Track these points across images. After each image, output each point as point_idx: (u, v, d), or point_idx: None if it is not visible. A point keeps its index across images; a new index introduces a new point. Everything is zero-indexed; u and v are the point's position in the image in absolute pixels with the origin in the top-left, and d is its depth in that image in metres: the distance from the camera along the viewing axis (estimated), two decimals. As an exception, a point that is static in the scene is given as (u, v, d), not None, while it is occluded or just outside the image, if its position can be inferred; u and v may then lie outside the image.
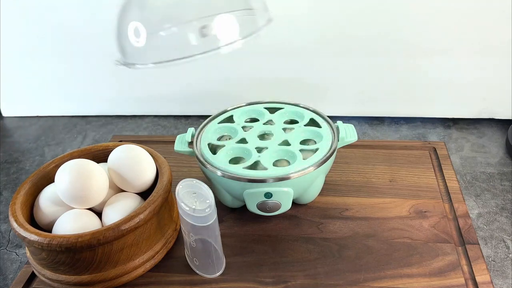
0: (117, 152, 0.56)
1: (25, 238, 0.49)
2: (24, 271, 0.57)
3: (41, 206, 0.54)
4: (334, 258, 0.55)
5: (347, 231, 0.59)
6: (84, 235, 0.47)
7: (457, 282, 0.51)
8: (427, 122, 1.64)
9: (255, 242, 0.58)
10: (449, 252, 0.54)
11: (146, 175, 0.56)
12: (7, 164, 1.57)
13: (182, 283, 0.53)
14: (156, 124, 1.69)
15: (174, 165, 0.71)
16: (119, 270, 0.51)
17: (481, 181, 1.34)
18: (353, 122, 1.64)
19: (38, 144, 1.66)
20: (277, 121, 0.65)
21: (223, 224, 0.61)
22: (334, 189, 0.66)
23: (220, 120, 0.66)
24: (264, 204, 0.56)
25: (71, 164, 0.53)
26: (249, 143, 0.61)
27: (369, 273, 0.52)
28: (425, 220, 0.59)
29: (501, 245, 1.12)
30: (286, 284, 0.52)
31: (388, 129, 1.62)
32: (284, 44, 1.55)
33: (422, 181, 0.66)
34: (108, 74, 1.68)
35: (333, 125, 0.63)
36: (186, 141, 0.63)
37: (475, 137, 1.55)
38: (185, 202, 0.48)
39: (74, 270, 0.50)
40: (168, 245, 0.56)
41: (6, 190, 1.44)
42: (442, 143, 0.74)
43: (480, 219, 1.20)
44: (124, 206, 0.53)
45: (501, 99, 1.56)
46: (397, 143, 0.75)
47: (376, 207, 0.62)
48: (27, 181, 0.56)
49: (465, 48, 1.48)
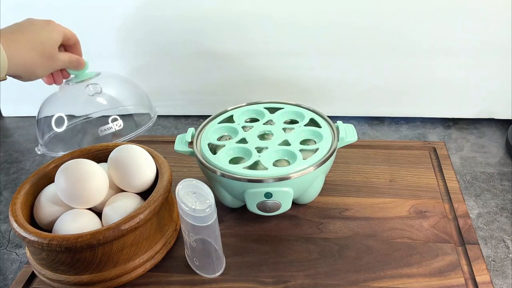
0: (117, 152, 0.56)
1: (25, 238, 0.49)
2: (24, 271, 0.57)
3: (41, 206, 0.54)
4: (334, 258, 0.55)
5: (347, 231, 0.59)
6: (84, 235, 0.47)
7: (457, 282, 0.51)
8: (427, 122, 1.64)
9: (255, 242, 0.58)
10: (449, 252, 0.54)
11: (146, 175, 0.56)
12: (7, 164, 1.57)
13: (182, 283, 0.53)
14: (156, 124, 1.69)
15: (174, 165, 0.71)
16: (119, 270, 0.51)
17: (481, 181, 1.34)
18: (353, 122, 1.64)
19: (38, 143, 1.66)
20: (277, 121, 0.65)
21: (223, 224, 0.61)
22: (334, 189, 0.66)
23: (220, 120, 0.66)
24: (264, 204, 0.56)
25: (71, 164, 0.53)
26: (249, 143, 0.61)
27: (369, 273, 0.52)
28: (425, 220, 0.59)
29: (501, 245, 1.12)
30: (286, 284, 0.52)
31: (388, 129, 1.62)
32: (284, 44, 1.55)
33: (422, 181, 0.66)
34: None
35: (333, 125, 0.63)
36: (186, 141, 0.63)
37: (475, 137, 1.55)
38: (185, 202, 0.48)
39: (74, 270, 0.50)
40: (168, 245, 0.56)
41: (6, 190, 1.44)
42: (442, 143, 0.74)
43: (480, 219, 1.20)
44: (124, 206, 0.53)
45: (501, 99, 1.56)
46: (397, 143, 0.75)
47: (376, 207, 0.62)
48: (27, 181, 0.56)
49: (465, 48, 1.48)
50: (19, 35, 0.50)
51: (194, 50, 1.61)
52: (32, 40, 0.51)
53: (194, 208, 0.47)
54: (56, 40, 0.53)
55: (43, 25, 0.53)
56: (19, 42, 0.49)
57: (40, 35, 0.51)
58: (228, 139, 0.63)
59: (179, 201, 0.48)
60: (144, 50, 1.64)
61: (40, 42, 0.51)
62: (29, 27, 0.51)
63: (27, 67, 0.50)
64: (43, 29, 0.52)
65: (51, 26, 0.53)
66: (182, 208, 0.48)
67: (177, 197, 0.48)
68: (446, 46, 1.48)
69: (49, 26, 0.53)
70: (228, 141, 0.62)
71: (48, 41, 0.52)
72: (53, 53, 0.53)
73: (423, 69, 1.54)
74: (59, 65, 0.56)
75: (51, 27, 0.53)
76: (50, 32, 0.53)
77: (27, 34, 0.51)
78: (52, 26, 0.54)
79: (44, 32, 0.52)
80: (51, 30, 0.53)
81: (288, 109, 0.67)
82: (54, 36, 0.53)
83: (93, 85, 0.66)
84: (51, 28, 0.53)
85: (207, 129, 0.64)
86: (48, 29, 0.53)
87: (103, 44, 1.64)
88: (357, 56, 1.54)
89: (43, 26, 0.53)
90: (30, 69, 0.51)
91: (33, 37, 0.51)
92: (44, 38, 0.52)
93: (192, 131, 0.64)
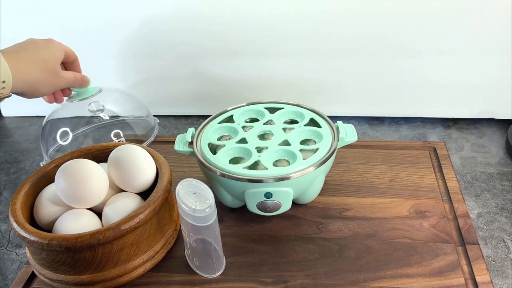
0: (117, 152, 0.56)
1: (25, 238, 0.49)
2: (24, 271, 0.57)
3: (41, 206, 0.54)
4: (334, 258, 0.55)
5: (347, 231, 0.59)
6: (84, 235, 0.47)
7: (457, 282, 0.51)
8: (427, 122, 1.64)
9: (255, 242, 0.58)
10: (449, 252, 0.54)
11: (146, 175, 0.56)
12: (7, 164, 1.57)
13: (182, 283, 0.53)
14: (156, 124, 1.69)
15: (174, 165, 0.71)
16: (119, 270, 0.51)
17: (481, 181, 1.34)
18: (353, 122, 1.64)
19: (38, 144, 1.66)
20: (277, 121, 0.65)
21: (223, 224, 0.61)
22: (334, 189, 0.66)
23: (220, 120, 0.66)
24: (264, 204, 0.56)
25: (71, 164, 0.53)
26: (249, 143, 0.61)
27: (369, 273, 0.52)
28: (425, 220, 0.59)
29: (501, 245, 1.12)
30: (286, 284, 0.52)
31: (388, 129, 1.62)
32: (284, 44, 1.55)
33: (422, 181, 0.66)
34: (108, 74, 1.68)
35: (333, 125, 0.63)
36: (186, 141, 0.63)
37: (475, 137, 1.55)
38: (185, 202, 0.48)
39: (74, 270, 0.50)
40: (168, 245, 0.56)
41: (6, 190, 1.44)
42: (442, 143, 0.74)
43: (480, 219, 1.20)
44: (124, 206, 0.53)
45: (501, 99, 1.56)
46: (397, 143, 0.75)
47: (376, 207, 0.62)
48: (27, 181, 0.56)
49: (465, 48, 1.48)
50: (22, 53, 0.51)
51: (194, 50, 1.61)
52: (35, 57, 0.52)
53: (194, 208, 0.47)
54: (58, 57, 0.55)
55: (45, 43, 0.54)
56: (22, 60, 0.51)
57: (42, 52, 0.53)
58: (228, 139, 0.63)
59: (179, 201, 0.48)
60: (144, 50, 1.64)
61: (43, 60, 0.53)
62: (31, 46, 0.53)
63: (31, 84, 0.52)
64: (45, 47, 0.54)
65: (52, 44, 0.55)
66: (182, 208, 0.48)
67: (177, 197, 0.48)
68: (446, 46, 1.48)
69: (50, 44, 0.55)
70: (228, 141, 0.62)
71: (51, 58, 0.54)
72: (56, 70, 0.55)
73: (423, 69, 1.54)
74: (64, 82, 0.57)
75: (52, 44, 0.55)
76: (52, 50, 0.54)
77: (30, 52, 0.52)
78: (52, 43, 0.55)
79: (46, 50, 0.54)
80: (52, 47, 0.55)
81: (288, 109, 0.67)
82: (56, 53, 0.55)
83: (95, 103, 0.68)
84: (52, 45, 0.55)
85: (207, 129, 0.64)
86: (49, 47, 0.54)
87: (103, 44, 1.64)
88: (357, 56, 1.54)
89: (45, 44, 0.54)
90: (34, 86, 0.52)
91: (36, 55, 0.52)
92: (47, 55, 0.53)
93: (192, 131, 0.64)
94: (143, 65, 1.67)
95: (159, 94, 1.72)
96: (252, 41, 1.56)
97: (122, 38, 1.62)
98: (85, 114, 0.72)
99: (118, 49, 1.65)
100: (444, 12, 1.42)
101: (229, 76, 1.65)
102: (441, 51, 1.49)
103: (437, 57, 1.51)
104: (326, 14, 1.48)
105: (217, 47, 1.59)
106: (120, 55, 1.66)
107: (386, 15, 1.45)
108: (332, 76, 1.60)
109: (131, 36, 1.61)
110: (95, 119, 0.71)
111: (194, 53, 1.62)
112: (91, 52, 1.65)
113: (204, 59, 1.62)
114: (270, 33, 1.54)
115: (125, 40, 1.63)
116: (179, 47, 1.61)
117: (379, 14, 1.45)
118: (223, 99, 1.68)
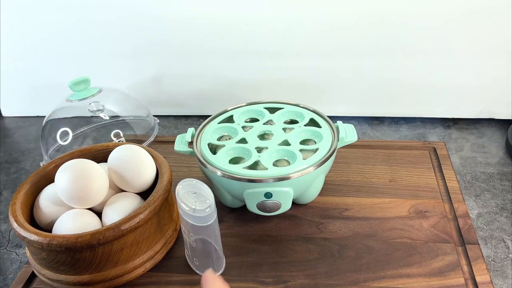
0: (117, 152, 0.56)
1: (25, 238, 0.49)
2: (24, 271, 0.57)
3: (41, 206, 0.54)
4: (334, 258, 0.55)
5: (347, 231, 0.59)
6: (84, 235, 0.47)
7: (457, 282, 0.51)
8: (427, 122, 1.64)
9: (255, 242, 0.58)
10: (449, 252, 0.54)
11: (146, 175, 0.56)
12: (7, 164, 1.57)
13: (182, 283, 0.53)
14: (156, 124, 1.69)
15: (174, 165, 0.71)
16: (119, 270, 0.51)
17: (481, 181, 1.34)
18: (353, 122, 1.64)
19: (38, 144, 1.66)
20: (277, 121, 0.65)
21: (223, 224, 0.61)
22: (334, 189, 0.66)
23: (220, 120, 0.66)
24: (264, 204, 0.56)
25: (71, 164, 0.53)
26: (249, 143, 0.61)
27: (369, 273, 0.52)
28: (425, 220, 0.59)
29: (501, 245, 1.12)
30: (286, 284, 0.52)
31: (388, 129, 1.62)
32: (284, 44, 1.55)
33: (422, 181, 0.66)
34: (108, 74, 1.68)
35: (333, 125, 0.63)
36: (186, 141, 0.63)
37: (475, 137, 1.55)
38: (185, 202, 0.48)
39: (74, 270, 0.50)
40: (168, 245, 0.56)
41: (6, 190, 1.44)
42: (442, 143, 0.74)
43: (480, 219, 1.20)
44: (124, 206, 0.53)
45: (501, 99, 1.56)
46: (397, 143, 0.75)
47: (376, 207, 0.62)
48: (27, 181, 0.56)
49: (465, 48, 1.48)
50: None
51: (194, 50, 1.61)
52: None
53: (194, 208, 0.47)
54: None
55: None
56: None
57: None
58: (228, 139, 0.63)
59: (179, 201, 0.48)
60: (144, 50, 1.64)
61: None
62: None
63: None
64: None
65: None
66: (182, 208, 0.48)
67: (177, 197, 0.48)
68: (446, 46, 1.48)
69: None
70: (228, 141, 0.62)
71: None
72: None
73: (423, 69, 1.54)
74: None
75: None
76: None
77: None
78: None
79: None
80: None
81: (288, 109, 0.67)
82: None
83: (95, 103, 0.69)
84: None
85: (207, 129, 0.64)
86: None
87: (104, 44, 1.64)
88: (357, 56, 1.54)
89: None
90: None
91: None
92: None
93: (192, 131, 0.64)
94: (143, 65, 1.68)
95: (159, 94, 1.72)
96: (252, 41, 1.56)
97: (122, 38, 1.62)
98: (85, 114, 0.72)
99: (118, 49, 1.65)
100: (444, 12, 1.42)
101: (229, 76, 1.65)
102: (441, 51, 1.49)
103: (437, 57, 1.51)
104: (326, 15, 1.48)
105: (217, 47, 1.59)
106: (120, 55, 1.66)
107: (386, 15, 1.45)
108: (332, 76, 1.60)
109: (131, 36, 1.61)
110: (95, 119, 0.72)
111: (194, 53, 1.62)
112: (91, 52, 1.65)
113: (204, 59, 1.63)
114: (270, 33, 1.54)
115: (125, 40, 1.63)
116: (179, 47, 1.61)
117: (379, 14, 1.46)
118: (223, 99, 1.68)
